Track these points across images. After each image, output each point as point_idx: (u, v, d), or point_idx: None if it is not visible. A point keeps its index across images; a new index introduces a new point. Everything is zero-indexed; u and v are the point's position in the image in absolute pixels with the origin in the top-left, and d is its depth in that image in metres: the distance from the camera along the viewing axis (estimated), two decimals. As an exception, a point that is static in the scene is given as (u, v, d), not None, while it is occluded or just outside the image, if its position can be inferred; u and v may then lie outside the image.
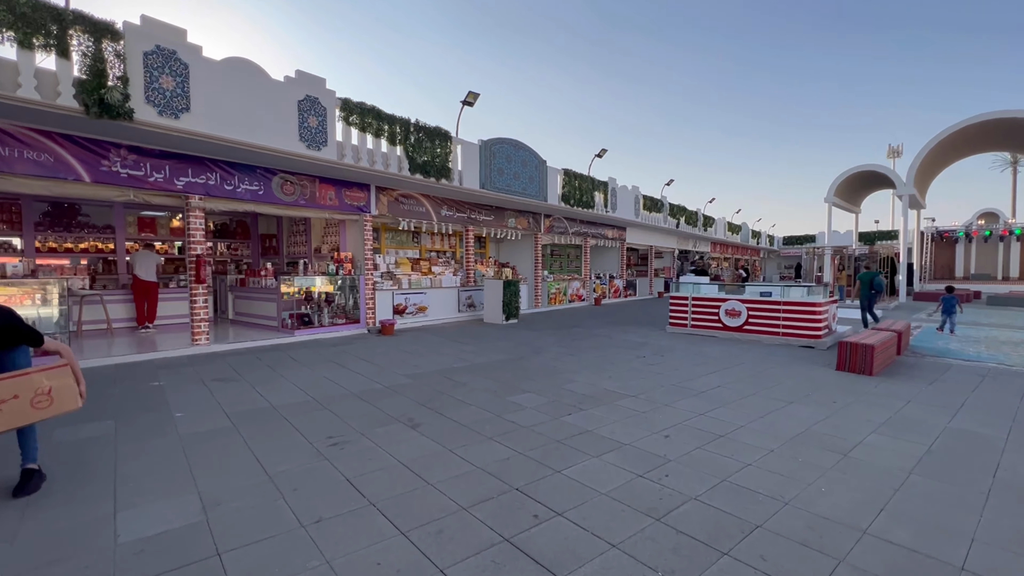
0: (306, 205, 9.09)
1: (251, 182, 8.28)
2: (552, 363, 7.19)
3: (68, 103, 5.70)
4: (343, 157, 8.65)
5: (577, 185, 14.66)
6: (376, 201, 10.30)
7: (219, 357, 7.32)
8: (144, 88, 6.25)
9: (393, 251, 12.45)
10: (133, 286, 9.32)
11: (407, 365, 6.98)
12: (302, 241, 11.86)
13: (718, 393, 5.60)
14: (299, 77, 7.93)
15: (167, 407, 4.88)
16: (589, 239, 17.61)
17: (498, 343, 8.92)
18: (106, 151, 6.74)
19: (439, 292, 11.81)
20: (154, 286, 9.47)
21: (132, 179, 6.99)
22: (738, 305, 9.67)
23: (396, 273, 11.22)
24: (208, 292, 7.94)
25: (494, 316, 11.80)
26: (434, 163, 10.12)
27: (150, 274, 9.37)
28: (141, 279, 9.28)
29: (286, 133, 7.73)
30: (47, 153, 6.28)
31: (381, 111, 9.12)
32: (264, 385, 5.78)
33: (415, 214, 11.17)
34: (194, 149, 7.34)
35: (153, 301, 9.51)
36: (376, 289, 10.39)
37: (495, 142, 11.78)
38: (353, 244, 10.43)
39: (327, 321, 9.61)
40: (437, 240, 13.77)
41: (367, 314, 10.18)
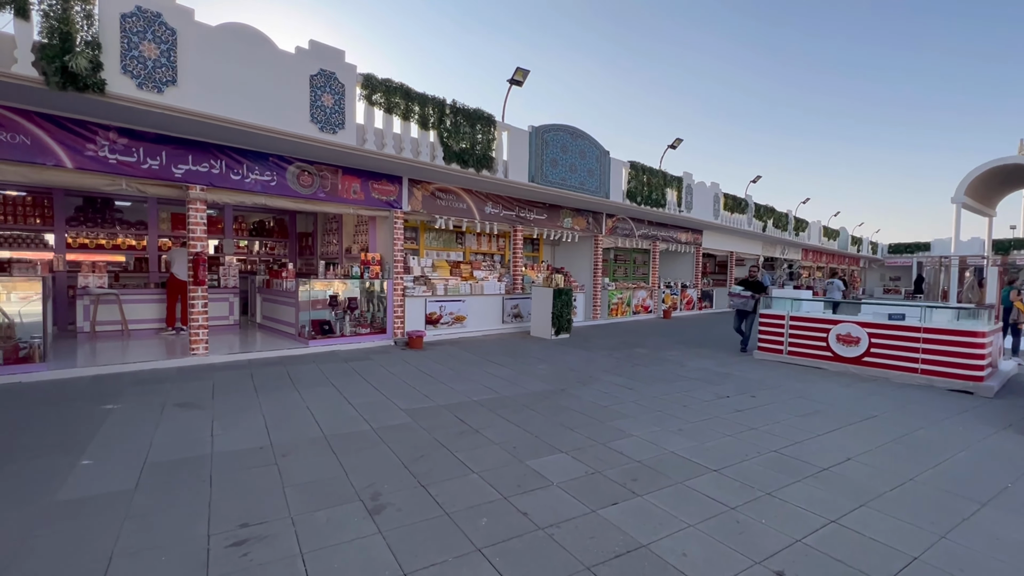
0: (326, 199, 8.01)
1: (262, 171, 7.29)
2: (602, 401, 5.47)
3: (26, 71, 4.85)
4: (364, 142, 7.46)
5: (645, 180, 12.71)
6: (408, 196, 9.08)
7: (209, 372, 6.31)
8: (120, 56, 5.33)
9: (434, 253, 11.22)
10: (168, 284, 8.71)
11: (417, 394, 5.56)
12: (334, 240, 10.93)
13: (852, 474, 3.64)
14: (312, 48, 6.82)
15: (83, 447, 3.77)
16: (658, 243, 15.50)
17: (539, 366, 7.30)
18: (92, 134, 5.95)
19: (480, 300, 10.39)
20: (185, 285, 8.83)
21: (122, 165, 6.16)
22: (856, 330, 7.37)
23: (432, 277, 9.95)
24: (206, 295, 7.02)
25: (542, 329, 10.19)
26: (474, 151, 8.73)
27: (182, 272, 8.73)
28: (178, 278, 8.64)
29: (295, 113, 6.64)
30: (22, 134, 5.54)
31: (411, 89, 7.86)
32: (227, 418, 4.57)
33: (454, 211, 9.84)
34: (189, 131, 6.42)
35: (186, 301, 8.87)
36: (406, 295, 9.15)
37: (548, 129, 10.20)
38: (383, 243, 9.27)
39: (349, 330, 8.48)
40: (484, 241, 12.40)
41: (395, 323, 8.96)
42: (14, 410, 4.59)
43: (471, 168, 8.77)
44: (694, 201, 14.75)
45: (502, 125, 9.32)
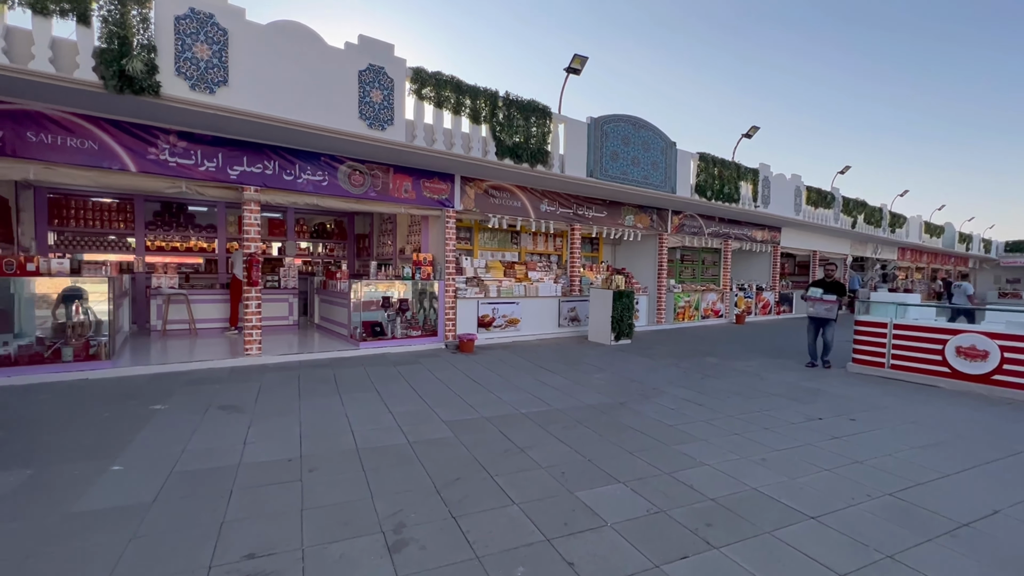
0: (377, 198, 7.87)
1: (314, 172, 7.25)
2: (667, 418, 4.79)
3: (87, 76, 4.97)
4: (413, 139, 7.22)
5: (716, 173, 11.66)
6: (461, 194, 8.77)
7: (259, 373, 6.29)
8: (174, 58, 5.38)
9: (488, 253, 10.88)
10: (231, 285, 8.99)
11: (461, 403, 5.17)
12: (389, 241, 10.89)
13: (1005, 535, 2.78)
14: (362, 43, 6.65)
15: (120, 450, 3.68)
16: (730, 241, 14.27)
17: (596, 375, 6.70)
18: (154, 137, 6.10)
19: (535, 302, 9.91)
20: None
21: (181, 168, 6.28)
22: (984, 342, 6.13)
23: (484, 279, 9.60)
24: (260, 296, 7.05)
25: (600, 334, 9.53)
26: (528, 145, 8.27)
27: None
28: (239, 279, 8.91)
29: (343, 110, 6.49)
30: (91, 140, 5.75)
31: (461, 82, 7.53)
32: (264, 423, 4.40)
33: (508, 209, 9.43)
34: (241, 133, 6.44)
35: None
36: (458, 297, 8.85)
37: (609, 120, 9.53)
38: (435, 244, 9.03)
39: (400, 332, 8.30)
40: (540, 241, 11.91)
41: (446, 326, 8.68)
42: (70, 407, 4.68)
43: (525, 163, 8.31)
44: (771, 195, 13.41)
45: (558, 117, 8.79)
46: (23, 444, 3.77)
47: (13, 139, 5.36)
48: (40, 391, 5.17)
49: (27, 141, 5.42)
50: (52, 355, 5.74)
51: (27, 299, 5.92)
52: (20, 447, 3.71)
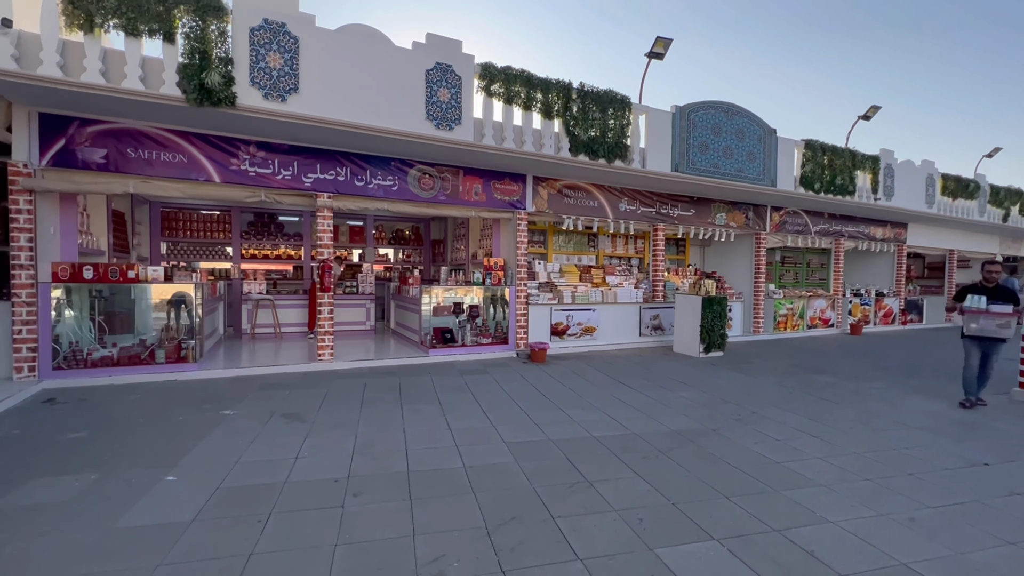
0: (446, 202, 7.66)
1: (384, 176, 7.19)
2: (772, 452, 3.96)
3: (171, 91, 5.20)
4: (482, 137, 6.91)
5: (826, 162, 10.18)
6: (533, 195, 8.34)
7: (328, 380, 6.26)
8: (249, 69, 5.50)
9: (563, 257, 10.35)
10: (311, 291, 9.30)
11: (527, 422, 4.69)
12: (462, 246, 10.73)
13: None
14: (429, 42, 6.47)
15: (180, 458, 3.65)
16: (843, 240, 12.47)
17: (683, 393, 5.90)
18: (235, 149, 6.33)
19: (613, 309, 9.19)
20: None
21: (260, 178, 6.47)
22: None
23: (559, 284, 9.07)
24: (333, 302, 7.10)
25: (687, 345, 8.60)
26: (604, 139, 7.64)
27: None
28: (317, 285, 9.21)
29: (409, 111, 6.34)
30: (181, 153, 6.08)
31: (532, 76, 7.11)
32: (320, 435, 4.23)
33: (584, 210, 8.83)
34: (313, 140, 6.51)
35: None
36: (530, 303, 8.41)
37: (697, 108, 8.62)
38: (507, 248, 8.68)
39: (470, 340, 8.02)
40: (619, 243, 11.14)
41: (517, 333, 8.27)
42: (152, 409, 4.85)
43: (601, 159, 7.69)
44: (896, 186, 11.49)
45: (638, 107, 8.07)
46: (101, 446, 3.88)
47: (116, 156, 5.77)
48: (133, 391, 5.48)
49: (127, 157, 5.82)
50: (148, 357, 6.11)
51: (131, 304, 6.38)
52: (97, 449, 3.82)
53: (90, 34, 4.89)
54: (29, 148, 5.43)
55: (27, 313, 5.47)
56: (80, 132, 5.62)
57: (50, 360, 5.61)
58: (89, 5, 4.83)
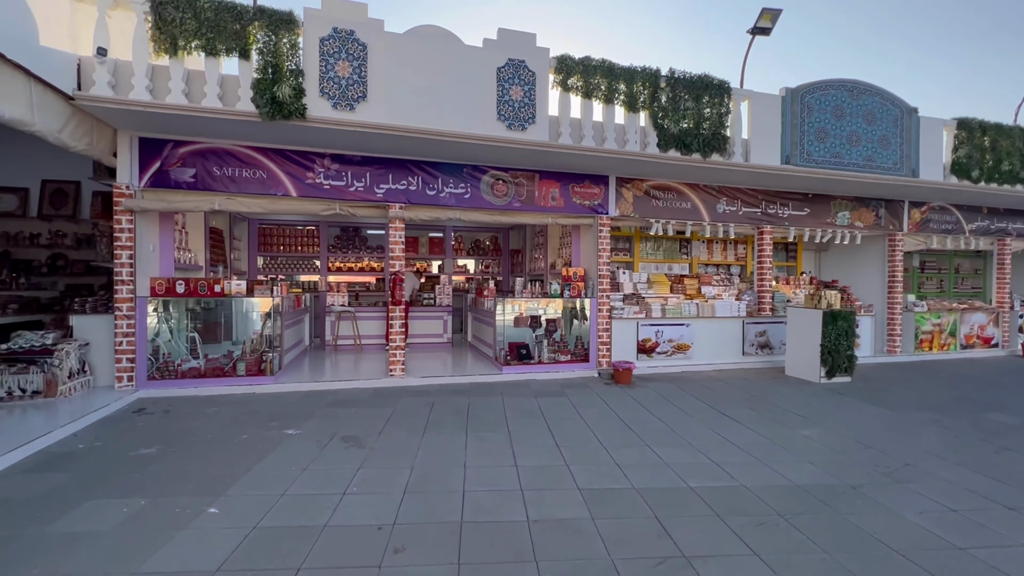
0: (521, 208, 7.16)
1: (456, 184, 6.87)
2: (946, 527, 2.88)
3: (246, 107, 5.24)
4: (558, 136, 6.33)
5: (987, 144, 8.25)
6: (616, 198, 7.57)
7: (396, 398, 5.98)
8: (319, 79, 5.43)
9: (651, 266, 9.40)
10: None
11: (608, 461, 3.97)
12: (540, 256, 10.17)
13: None
14: (501, 38, 6.05)
15: (229, 485, 3.44)
16: (1009, 240, 10.11)
17: (805, 431, 4.80)
18: (310, 162, 6.34)
19: (710, 324, 8.08)
20: (407, 305, 9.30)
21: (334, 190, 6.43)
22: None
23: (646, 295, 8.16)
24: (404, 316, 6.86)
25: (804, 368, 7.27)
26: (699, 131, 6.71)
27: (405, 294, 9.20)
28: None
29: (480, 113, 5.94)
30: (261, 169, 6.19)
31: (615, 65, 6.41)
32: (374, 466, 3.85)
33: (675, 212, 7.88)
34: (383, 149, 6.33)
35: (405, 319, 9.33)
36: (613, 317, 7.61)
37: (813, 88, 7.35)
38: (587, 256, 7.97)
39: (547, 356, 7.41)
40: (716, 250, 9.93)
41: (599, 350, 7.51)
42: (223, 425, 4.82)
43: (695, 153, 6.75)
44: (1089, 170, 9.05)
45: (739, 92, 7.02)
46: (162, 466, 3.81)
47: (203, 174, 5.99)
48: (212, 404, 5.57)
49: (213, 175, 6.03)
50: (231, 369, 6.26)
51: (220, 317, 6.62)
52: (158, 469, 3.75)
53: (174, 57, 5.06)
54: (131, 171, 5.78)
55: (127, 326, 5.80)
56: (172, 153, 5.91)
57: (145, 371, 5.90)
58: (173, 29, 5.00)
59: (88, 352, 5.92)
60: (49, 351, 5.34)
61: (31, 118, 4.31)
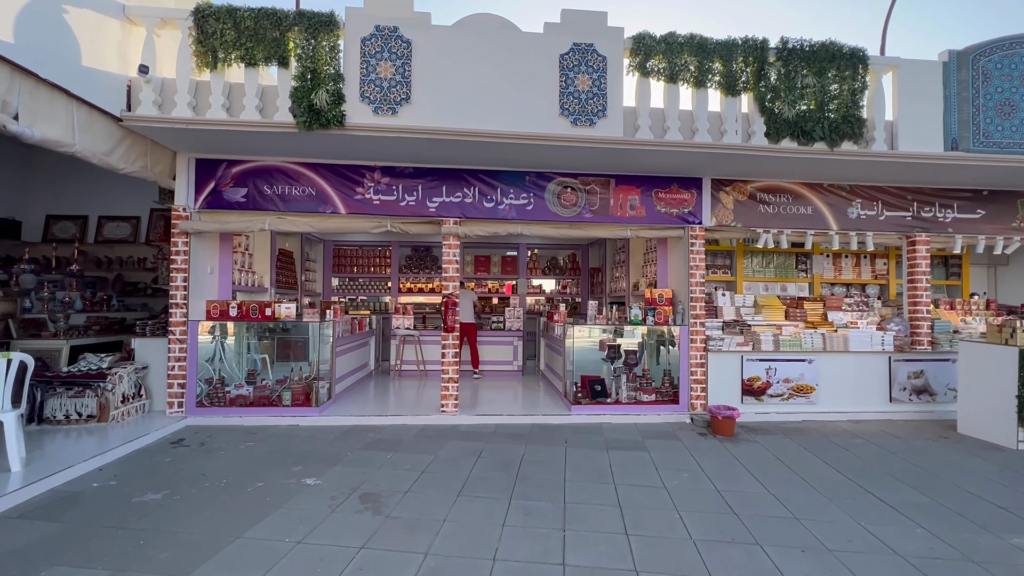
0: (593, 220, 6.12)
1: (517, 195, 6.03)
2: None
3: (284, 118, 4.86)
4: (635, 131, 5.25)
5: None
6: (712, 204, 6.24)
7: (442, 441, 5.17)
8: (359, 83, 4.92)
9: (758, 286, 7.77)
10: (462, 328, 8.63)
11: (700, 570, 2.76)
12: (621, 275, 8.93)
13: None
14: (565, 21, 5.16)
15: (209, 558, 2.79)
16: None
17: (1017, 538, 3.15)
18: (360, 176, 5.88)
19: (842, 360, 6.31)
20: (472, 328, 8.62)
21: (384, 206, 5.90)
22: None
23: (753, 323, 6.61)
24: (457, 344, 6.06)
25: (988, 425, 5.28)
26: (822, 114, 5.24)
27: (468, 314, 8.56)
28: (463, 321, 8.54)
29: (539, 108, 5.07)
30: (310, 186, 5.84)
31: (707, 39, 5.22)
32: (385, 542, 3.01)
33: (790, 219, 6.33)
34: (434, 159, 5.68)
35: (473, 343, 8.67)
36: (709, 349, 6.20)
37: (990, 49, 5.50)
38: (676, 275, 6.67)
39: (625, 394, 6.19)
40: (846, 265, 8.01)
41: (691, 390, 6.14)
42: (252, 464, 4.33)
43: (818, 143, 5.28)
44: None
45: (880, 62, 5.43)
46: (153, 522, 3.30)
47: (255, 193, 5.77)
48: (250, 436, 5.17)
49: (263, 194, 5.78)
50: (277, 398, 5.89)
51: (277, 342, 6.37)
52: (147, 526, 3.23)
53: (215, 70, 4.83)
54: (187, 193, 5.71)
55: (179, 350, 5.66)
56: (226, 173, 5.76)
57: (195, 397, 5.70)
58: (214, 41, 4.78)
59: (146, 376, 5.87)
60: (103, 375, 5.30)
61: (71, 139, 4.22)
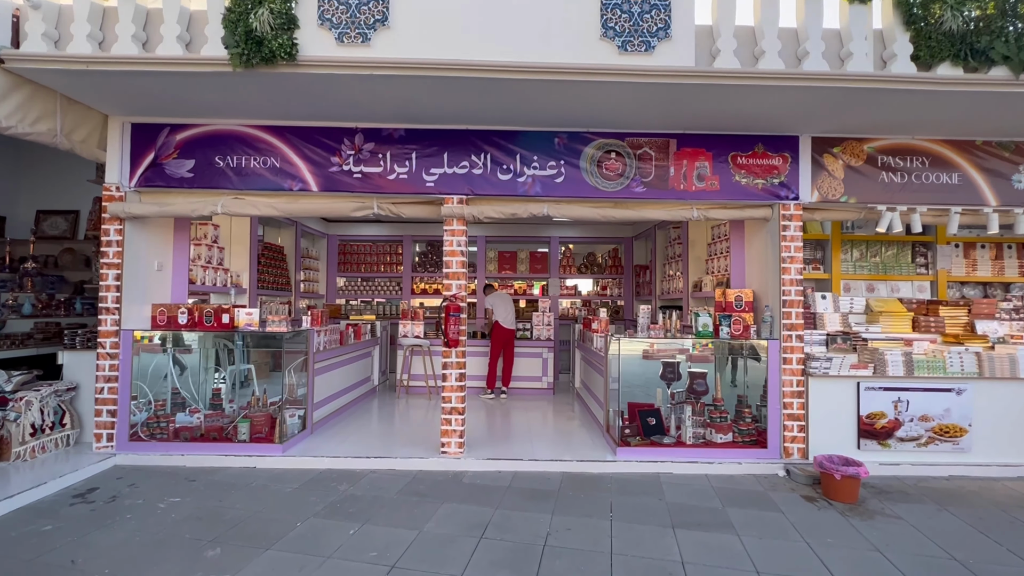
0: (645, 196, 4.51)
1: (543, 163, 4.49)
2: None
3: (214, 52, 3.51)
4: (713, 58, 3.63)
5: None
6: (813, 173, 4.52)
7: (437, 498, 3.69)
8: (317, 2, 3.52)
9: (857, 284, 5.89)
10: (492, 335, 7.13)
11: None
12: (677, 272, 7.21)
13: None
14: (608, -94, 3.60)
15: None
16: None
17: None
18: (335, 143, 4.50)
19: (1004, 390, 4.44)
20: (512, 335, 7.16)
21: (368, 181, 4.50)
22: None
23: (867, 335, 4.80)
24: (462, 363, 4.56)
25: None
26: (1004, 23, 3.46)
27: (508, 319, 7.10)
28: (502, 326, 7.06)
29: (570, 27, 3.54)
30: (273, 156, 4.50)
31: (820, -78, 3.54)
32: None
33: (925, 192, 4.53)
34: (434, 117, 4.21)
35: (510, 356, 7.19)
36: (810, 372, 4.47)
37: None
38: (759, 271, 4.98)
39: (691, 432, 4.55)
40: (984, 258, 6.02)
41: (783, 429, 4.43)
42: (155, 532, 2.97)
43: (996, 68, 3.50)
44: None
45: (1092, -55, 3.58)
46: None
47: (202, 167, 4.48)
48: (187, 486, 3.85)
49: (215, 167, 4.48)
50: (232, 431, 4.57)
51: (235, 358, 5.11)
52: None
53: (124, -11, 3.54)
54: (120, 167, 4.48)
55: (109, 367, 4.42)
56: (168, 142, 4.49)
57: (127, 428, 4.45)
58: (122, -51, 3.49)
59: (75, 399, 4.68)
60: (4, 400, 4.11)
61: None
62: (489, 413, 6.16)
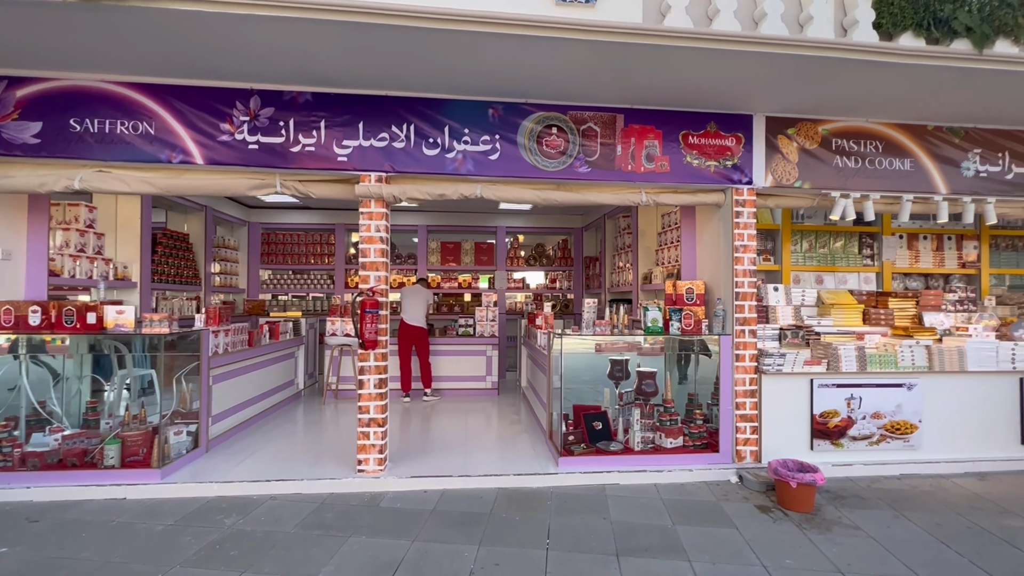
0: (590, 177, 4.05)
1: (475, 137, 3.93)
2: None
3: (40, -25, 2.72)
4: (663, 16, 3.17)
5: None
6: (767, 156, 4.20)
7: (348, 527, 3.09)
8: (180, -84, 2.79)
9: (807, 276, 5.71)
10: (399, 333, 6.54)
11: None
12: (627, 263, 6.86)
13: None
14: None
15: None
16: None
17: None
18: (227, 107, 3.76)
19: (952, 384, 4.32)
20: (422, 333, 6.53)
21: (266, 153, 3.79)
22: None
23: (820, 328, 4.57)
24: (382, 366, 3.96)
25: None
26: (964, -5, 3.20)
27: (416, 316, 6.48)
28: (407, 323, 6.47)
29: (500, -29, 2.98)
30: (147, 120, 3.71)
31: None
32: None
33: (878, 178, 4.31)
34: (346, 78, 3.56)
35: (423, 354, 6.56)
36: (763, 369, 4.17)
37: None
38: (710, 261, 4.64)
39: (639, 437, 4.15)
40: (925, 249, 5.99)
41: (735, 431, 4.11)
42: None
43: (957, 40, 3.24)
44: None
45: (1051, -86, 3.38)
46: None
47: (53, 132, 3.63)
48: (24, 530, 3.05)
49: (69, 132, 3.64)
50: (99, 454, 3.77)
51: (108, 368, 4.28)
52: None
53: None
54: (-58, 129, 3.55)
55: (-70, 381, 3.51)
56: (7, 99, 3.61)
57: (-45, 456, 3.57)
58: None
59: None
60: None
61: None
62: (423, 420, 5.58)
